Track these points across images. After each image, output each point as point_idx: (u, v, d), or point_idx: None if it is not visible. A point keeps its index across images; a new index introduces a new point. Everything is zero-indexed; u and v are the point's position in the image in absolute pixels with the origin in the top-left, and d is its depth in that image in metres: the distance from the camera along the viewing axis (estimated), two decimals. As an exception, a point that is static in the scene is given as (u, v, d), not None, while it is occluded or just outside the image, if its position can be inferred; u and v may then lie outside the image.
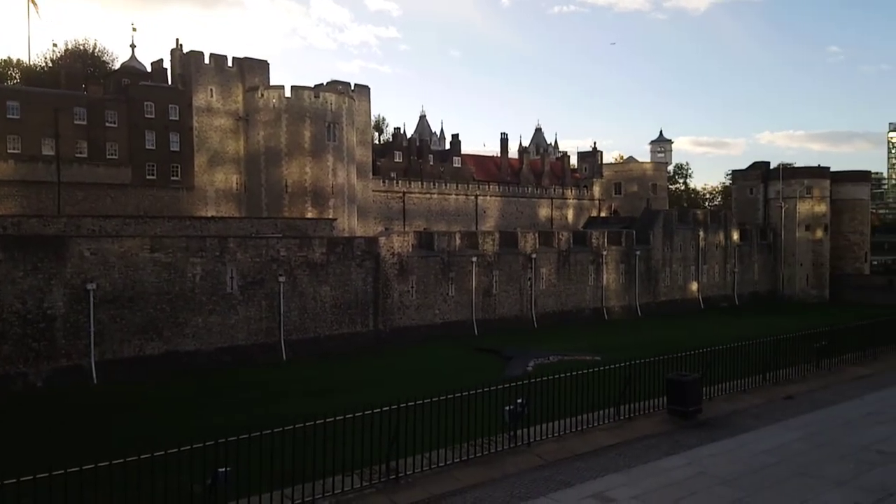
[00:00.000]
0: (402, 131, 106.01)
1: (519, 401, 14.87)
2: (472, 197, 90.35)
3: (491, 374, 31.56)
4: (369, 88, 78.48)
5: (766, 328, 29.66)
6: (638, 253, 64.22)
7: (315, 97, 66.52)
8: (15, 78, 76.68)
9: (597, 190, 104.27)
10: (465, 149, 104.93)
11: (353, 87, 74.99)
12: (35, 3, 73.04)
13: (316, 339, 44.00)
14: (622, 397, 16.94)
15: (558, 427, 15.61)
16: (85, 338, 35.65)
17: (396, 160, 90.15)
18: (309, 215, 63.38)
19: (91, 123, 62.13)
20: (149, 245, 38.31)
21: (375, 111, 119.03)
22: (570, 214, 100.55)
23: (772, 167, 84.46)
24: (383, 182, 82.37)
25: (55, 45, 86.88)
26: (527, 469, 13.88)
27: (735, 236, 75.46)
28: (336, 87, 71.20)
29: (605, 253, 61.57)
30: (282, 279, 42.43)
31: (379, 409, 13.07)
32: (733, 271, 74.63)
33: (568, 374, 15.99)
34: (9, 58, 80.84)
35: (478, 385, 14.72)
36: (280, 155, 65.97)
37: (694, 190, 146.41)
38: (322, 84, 71.59)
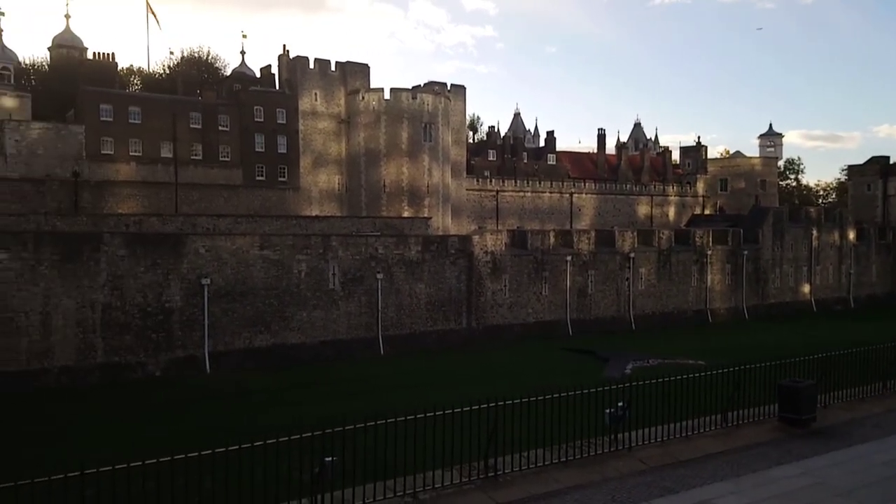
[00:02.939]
0: (496, 130, 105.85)
1: (620, 404, 14.62)
2: (567, 195, 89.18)
3: (587, 375, 31.02)
4: (465, 88, 79.08)
5: (885, 333, 27.66)
6: (745, 252, 61.41)
7: (412, 98, 67.72)
8: (136, 85, 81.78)
9: (700, 186, 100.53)
10: (560, 146, 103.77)
11: (448, 88, 75.74)
12: (155, 16, 78.05)
13: (412, 335, 44.81)
14: (730, 403, 16.30)
15: (661, 432, 15.23)
16: (199, 330, 37.83)
17: (490, 159, 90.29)
18: (405, 214, 64.64)
19: (205, 127, 65.82)
20: (258, 243, 40.21)
21: (470, 110, 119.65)
22: (672, 212, 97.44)
23: (892, 162, 78.66)
24: (477, 181, 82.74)
25: (172, 53, 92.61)
26: (628, 473, 13.62)
27: (851, 235, 70.77)
28: (433, 87, 72.20)
29: (709, 252, 59.25)
30: (380, 276, 43.48)
31: (477, 406, 13.12)
32: (849, 272, 70.01)
33: (671, 378, 15.56)
34: (131, 66, 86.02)
35: (576, 386, 14.57)
36: (379, 156, 67.67)
37: (806, 186, 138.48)
38: (419, 85, 72.79)
